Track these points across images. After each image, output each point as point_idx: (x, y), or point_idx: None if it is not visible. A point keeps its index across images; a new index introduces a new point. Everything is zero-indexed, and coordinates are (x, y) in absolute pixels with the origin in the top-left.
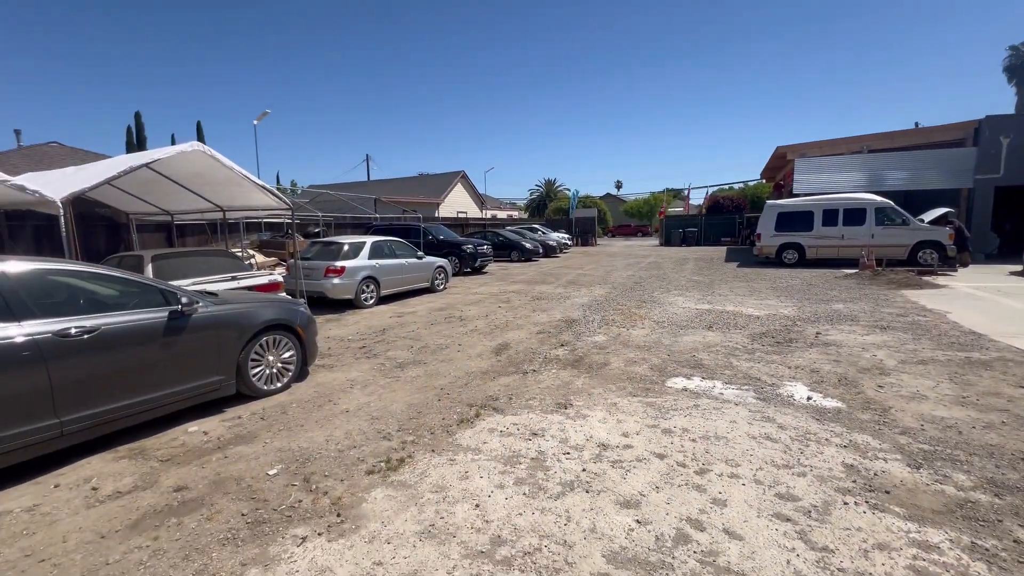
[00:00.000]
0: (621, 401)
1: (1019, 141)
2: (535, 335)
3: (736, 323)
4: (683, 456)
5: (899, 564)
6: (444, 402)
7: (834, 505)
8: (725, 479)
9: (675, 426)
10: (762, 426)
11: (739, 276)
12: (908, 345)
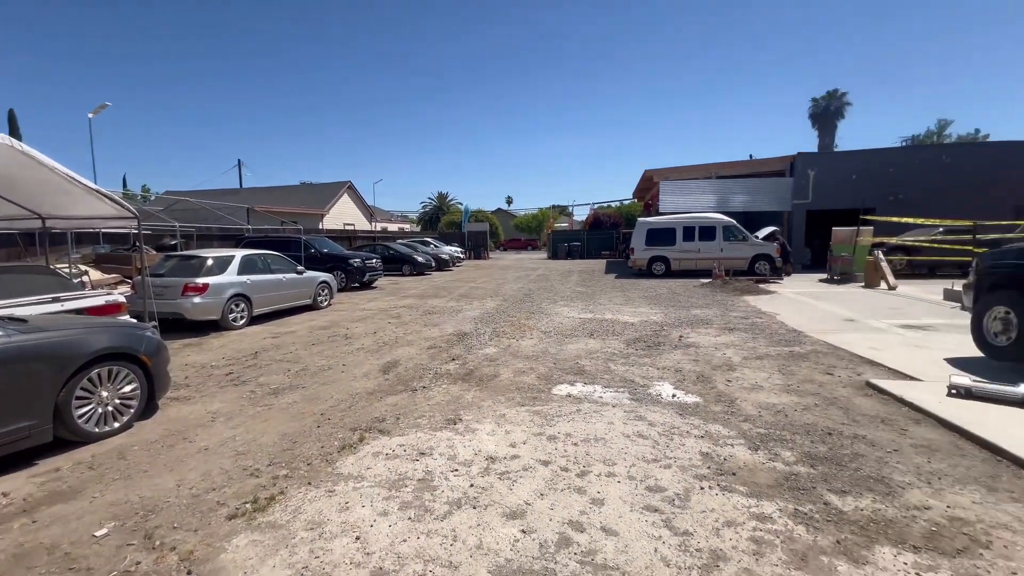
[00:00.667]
0: (510, 412)
1: (822, 174)
2: (426, 351)
3: (614, 330)
4: (566, 461)
5: (743, 537)
6: (324, 428)
7: (693, 491)
8: (603, 479)
9: (559, 432)
10: (635, 425)
11: (617, 287)
12: (749, 343)
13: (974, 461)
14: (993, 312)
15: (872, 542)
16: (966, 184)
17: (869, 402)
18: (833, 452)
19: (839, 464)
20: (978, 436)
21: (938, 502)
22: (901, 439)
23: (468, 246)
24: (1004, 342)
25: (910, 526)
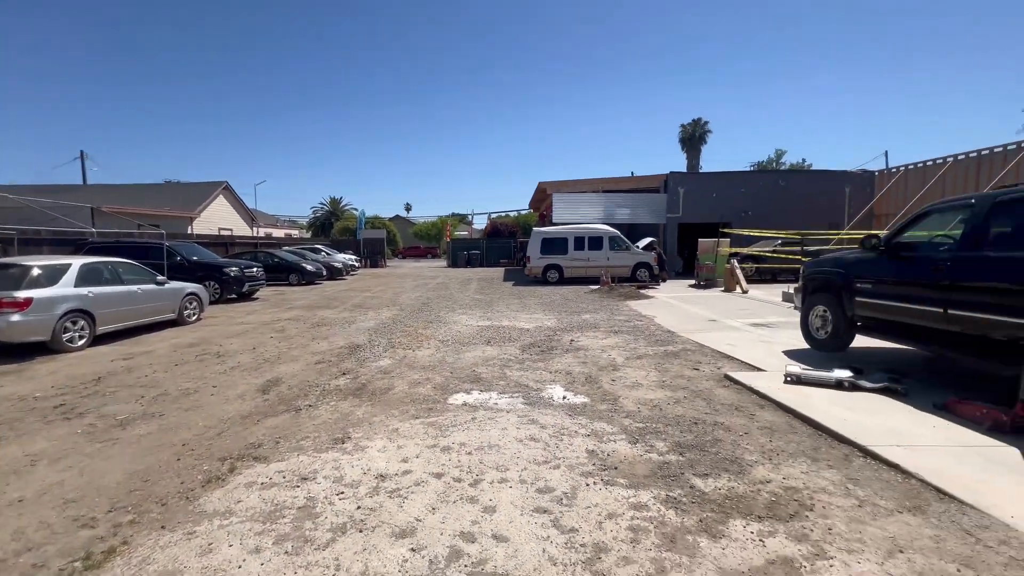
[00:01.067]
0: (403, 425)
1: (690, 191)
2: (313, 366)
3: (511, 336)
4: (459, 471)
5: (622, 527)
6: (186, 461)
7: (580, 488)
8: (496, 485)
9: (454, 442)
10: (528, 429)
11: (514, 294)
12: (631, 345)
13: (803, 437)
14: (815, 311)
15: (727, 517)
16: (797, 203)
17: (727, 392)
18: (698, 439)
19: (702, 450)
20: (805, 415)
21: (777, 475)
22: (750, 423)
23: (364, 254)
24: (824, 336)
25: (756, 499)
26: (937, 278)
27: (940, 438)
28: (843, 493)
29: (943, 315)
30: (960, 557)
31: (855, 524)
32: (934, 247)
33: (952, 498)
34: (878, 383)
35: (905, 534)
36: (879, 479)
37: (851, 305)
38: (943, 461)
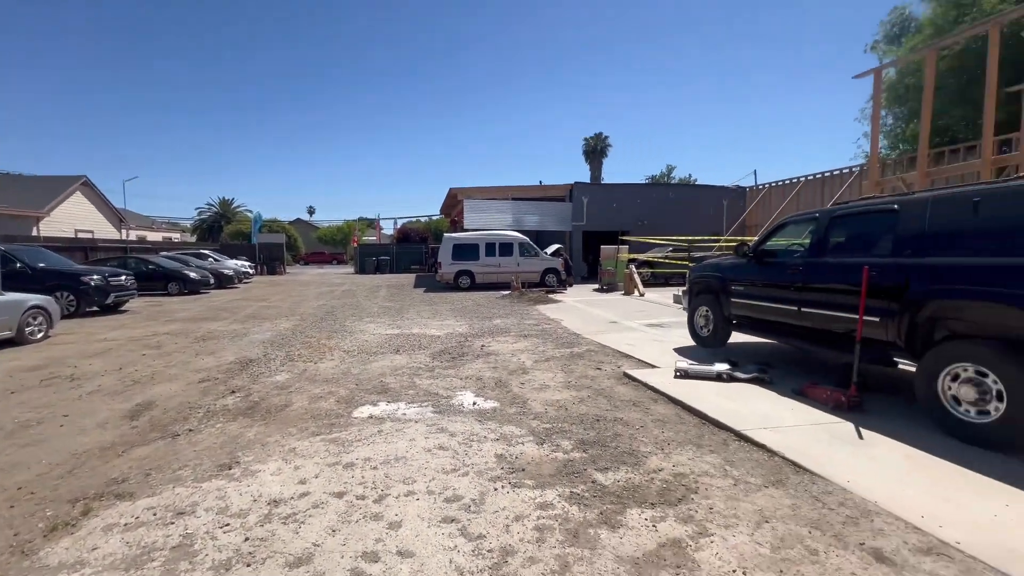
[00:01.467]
0: (301, 444)
1: (593, 201)
2: (195, 385)
3: (421, 344)
4: (363, 488)
5: (529, 528)
6: (24, 507)
7: (488, 494)
8: (402, 499)
9: (358, 458)
10: (437, 438)
11: (425, 300)
12: (540, 348)
13: (689, 427)
14: (699, 311)
15: (625, 507)
16: (684, 214)
17: (626, 389)
18: (599, 436)
19: (604, 445)
20: (692, 407)
21: (668, 463)
22: (646, 417)
23: (260, 260)
24: (706, 333)
25: (649, 487)
26: (792, 281)
27: (797, 419)
28: (722, 474)
29: (797, 312)
30: (811, 520)
31: (731, 501)
32: (790, 254)
33: (805, 470)
34: (750, 374)
35: (770, 506)
36: (750, 459)
37: (727, 305)
38: (798, 439)
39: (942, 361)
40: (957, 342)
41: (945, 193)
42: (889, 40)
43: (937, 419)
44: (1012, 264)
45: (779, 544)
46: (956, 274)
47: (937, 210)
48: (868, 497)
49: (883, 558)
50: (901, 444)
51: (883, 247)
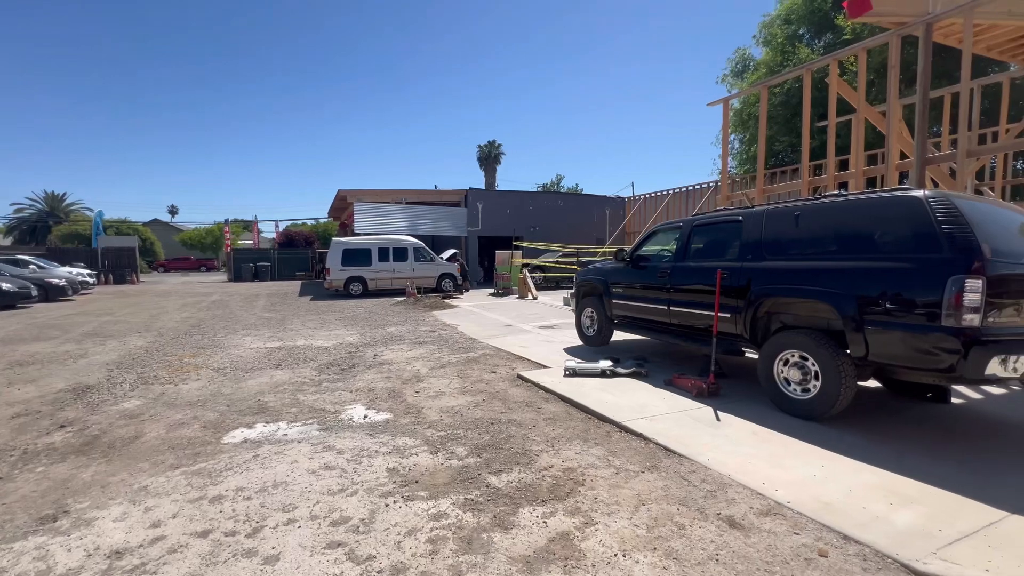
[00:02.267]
0: (155, 481)
1: (487, 207)
2: (7, 422)
3: (306, 357)
4: (234, 522)
5: (422, 541)
6: None
7: (378, 511)
8: (281, 529)
9: (228, 489)
10: (323, 457)
11: (312, 309)
12: (435, 354)
13: (577, 422)
14: (585, 312)
15: (518, 507)
16: (572, 221)
17: (519, 390)
18: (494, 439)
19: (498, 448)
20: (579, 403)
21: (558, 460)
22: (537, 416)
23: (104, 267)
24: (592, 333)
25: (540, 485)
26: (662, 283)
27: (668, 407)
28: (605, 465)
29: (667, 311)
30: (680, 498)
31: (614, 489)
32: (660, 259)
33: (675, 453)
34: (629, 369)
35: (646, 489)
36: (629, 447)
37: (610, 306)
38: (669, 425)
39: (776, 349)
40: (787, 332)
41: (775, 207)
42: (735, 75)
43: (774, 398)
44: (821, 267)
45: (653, 524)
46: (783, 275)
47: (770, 222)
48: (723, 471)
49: (735, 524)
50: (749, 423)
51: (732, 253)
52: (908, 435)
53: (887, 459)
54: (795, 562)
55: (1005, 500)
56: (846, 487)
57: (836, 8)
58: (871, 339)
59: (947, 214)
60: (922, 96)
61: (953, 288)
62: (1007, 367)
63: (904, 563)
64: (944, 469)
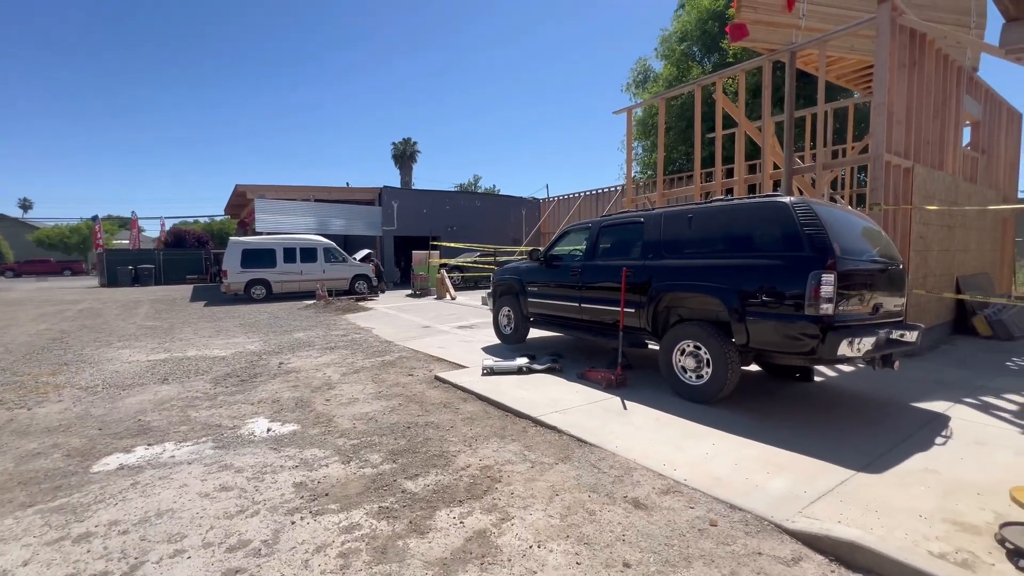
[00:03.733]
0: (2, 524)
1: (403, 206)
2: None
3: (199, 369)
4: (106, 562)
5: (332, 556)
6: None
7: (283, 530)
8: (166, 563)
9: (99, 524)
10: (218, 478)
11: (206, 316)
12: (348, 359)
13: (495, 420)
14: (502, 311)
15: (435, 510)
16: (490, 221)
17: (437, 392)
18: (410, 443)
19: (414, 452)
20: (496, 401)
21: (475, 459)
22: (455, 416)
23: None
24: (509, 331)
25: (458, 485)
26: (574, 281)
27: (580, 400)
28: (521, 460)
29: (579, 308)
30: (590, 486)
31: (529, 483)
32: (572, 258)
33: (586, 443)
34: (545, 365)
35: (559, 480)
36: (544, 441)
37: (525, 305)
38: (580, 417)
39: (674, 340)
40: (683, 324)
41: (672, 210)
42: (637, 85)
43: (673, 385)
44: (710, 264)
45: (566, 512)
46: (679, 273)
47: (667, 223)
48: (630, 457)
49: (639, 504)
50: (652, 410)
51: (635, 252)
52: (782, 411)
53: (766, 433)
54: (690, 534)
55: (852, 460)
56: (733, 461)
57: (721, 32)
58: (751, 328)
59: (808, 218)
60: (788, 115)
61: (812, 282)
62: (853, 348)
63: (777, 523)
64: (809, 438)
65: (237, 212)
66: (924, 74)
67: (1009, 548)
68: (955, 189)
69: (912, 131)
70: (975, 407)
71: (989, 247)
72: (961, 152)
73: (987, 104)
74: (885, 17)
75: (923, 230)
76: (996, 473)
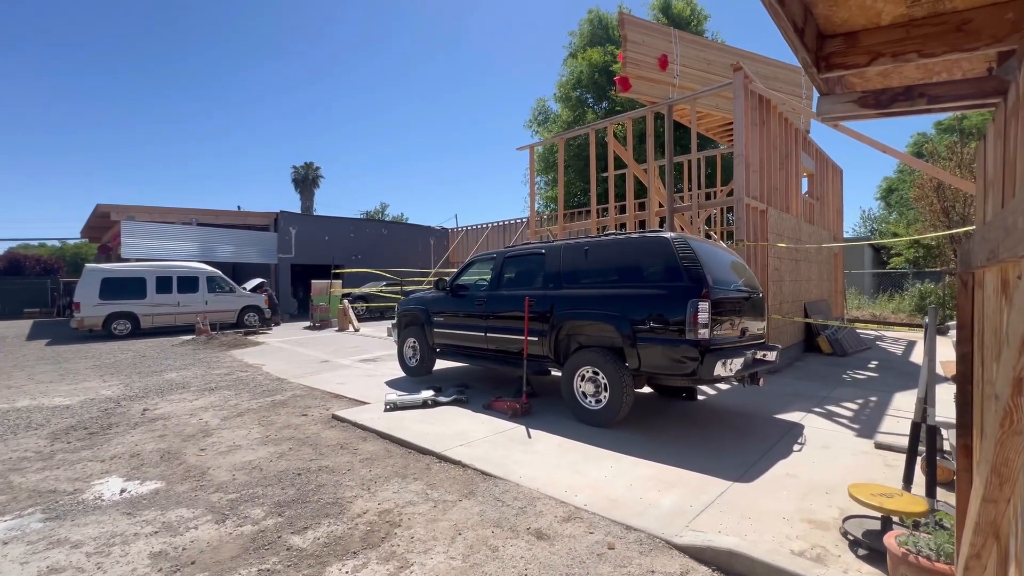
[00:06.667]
0: None
1: (302, 232)
2: None
3: (32, 422)
4: None
5: None
6: None
7: None
8: None
9: None
10: (45, 557)
11: (48, 357)
12: (231, 401)
13: (397, 459)
14: (407, 342)
15: (325, 566)
16: (397, 250)
17: (334, 432)
18: (300, 492)
19: (305, 502)
20: (398, 438)
21: (373, 503)
22: (353, 458)
23: None
24: (415, 363)
25: (353, 535)
26: (480, 310)
27: (485, 431)
28: (424, 499)
29: (484, 337)
30: (494, 520)
31: (431, 524)
32: (478, 287)
33: (491, 476)
34: (451, 396)
35: (463, 518)
36: (449, 477)
37: (431, 335)
38: (485, 449)
39: (575, 366)
40: (583, 351)
41: (570, 242)
42: (538, 123)
43: (575, 411)
44: (604, 294)
45: (469, 552)
46: (579, 301)
47: (567, 254)
48: (532, 486)
49: (542, 535)
50: (556, 436)
51: (538, 282)
52: (671, 429)
53: (657, 452)
54: (590, 560)
55: (730, 471)
56: (628, 482)
57: (609, 83)
58: (642, 353)
59: (685, 252)
60: (668, 160)
61: (691, 309)
62: (726, 368)
63: (667, 540)
64: (694, 454)
65: (98, 235)
66: (771, 132)
67: (850, 539)
68: (799, 229)
69: (765, 179)
70: (822, 415)
71: (825, 278)
72: (802, 198)
73: (818, 160)
74: (739, 83)
75: (777, 263)
76: (839, 473)
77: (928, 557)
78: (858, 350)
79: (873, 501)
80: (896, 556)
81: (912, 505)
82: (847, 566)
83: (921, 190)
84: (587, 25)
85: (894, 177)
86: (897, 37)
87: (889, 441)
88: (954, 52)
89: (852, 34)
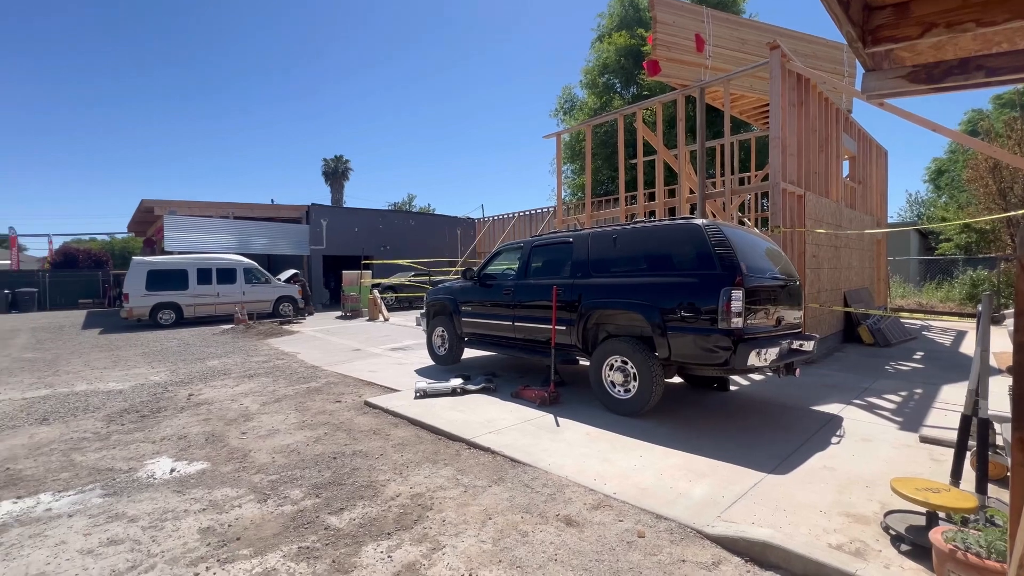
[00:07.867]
0: None
1: (333, 224)
2: None
3: (89, 405)
4: None
5: None
6: None
7: None
8: None
9: None
10: (105, 530)
11: (101, 345)
12: (269, 387)
13: (427, 444)
14: (436, 331)
15: (361, 546)
16: (425, 240)
17: (367, 418)
18: (336, 475)
19: (340, 484)
20: (428, 424)
21: (405, 487)
22: (386, 443)
23: None
24: (443, 352)
25: (387, 516)
26: (507, 300)
27: (513, 419)
28: (454, 484)
29: (512, 327)
30: (523, 506)
31: (462, 509)
32: (505, 277)
33: (519, 463)
34: (479, 385)
35: (493, 503)
36: (478, 463)
37: (459, 324)
38: (514, 437)
39: (603, 355)
40: (611, 340)
41: (599, 231)
42: (564, 111)
43: (603, 400)
44: (634, 283)
45: (499, 536)
46: (607, 290)
47: (595, 243)
48: (561, 474)
49: (571, 522)
50: (584, 425)
51: (566, 271)
52: (702, 420)
53: (688, 442)
54: (620, 547)
55: (763, 463)
56: (658, 471)
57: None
58: (672, 342)
59: (718, 239)
60: (700, 145)
61: (724, 298)
62: (761, 358)
63: (698, 529)
64: (726, 445)
65: (143, 229)
66: (810, 113)
67: (892, 534)
68: (839, 214)
69: (802, 162)
70: (862, 407)
71: (867, 265)
72: (842, 182)
73: (860, 141)
74: (776, 62)
75: (815, 250)
76: (880, 466)
77: (978, 554)
78: (902, 340)
79: (918, 496)
80: (943, 552)
81: (961, 501)
82: (889, 561)
83: (975, 171)
84: (618, 6)
85: (944, 158)
86: (953, 6)
87: (935, 435)
88: (1019, 19)
89: (902, 4)
